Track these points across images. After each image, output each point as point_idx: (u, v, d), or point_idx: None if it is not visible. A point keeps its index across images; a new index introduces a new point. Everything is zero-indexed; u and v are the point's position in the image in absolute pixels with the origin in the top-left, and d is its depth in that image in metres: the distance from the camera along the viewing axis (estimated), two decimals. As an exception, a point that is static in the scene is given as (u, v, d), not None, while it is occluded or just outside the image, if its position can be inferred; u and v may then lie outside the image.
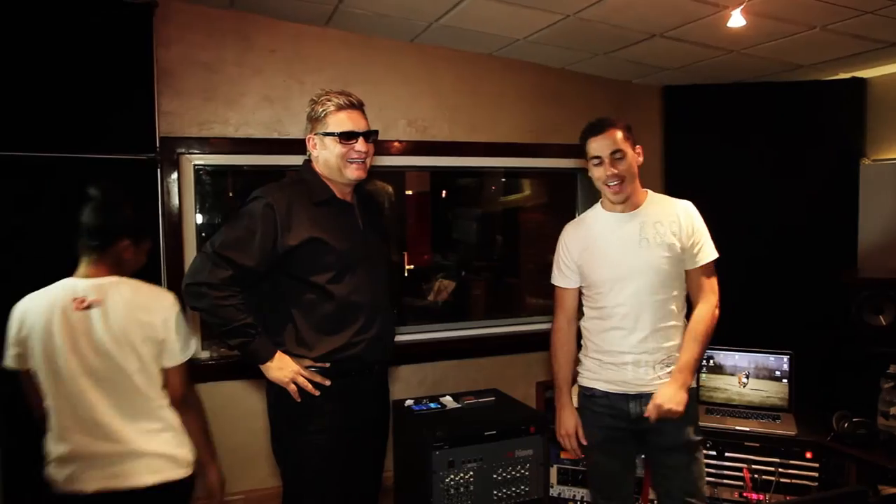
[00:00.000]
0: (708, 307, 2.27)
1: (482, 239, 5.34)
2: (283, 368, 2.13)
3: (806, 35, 3.18)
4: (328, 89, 2.25)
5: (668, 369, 2.26)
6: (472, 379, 4.02)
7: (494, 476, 3.10)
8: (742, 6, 2.61)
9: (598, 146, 2.27)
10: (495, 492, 3.10)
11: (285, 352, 2.16)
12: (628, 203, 2.31)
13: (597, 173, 2.30)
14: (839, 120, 3.94)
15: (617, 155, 2.25)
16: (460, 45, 3.82)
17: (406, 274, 5.17)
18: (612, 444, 2.36)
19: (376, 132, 2.27)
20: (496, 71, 4.00)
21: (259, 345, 2.12)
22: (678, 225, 2.28)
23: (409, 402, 3.37)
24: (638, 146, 2.33)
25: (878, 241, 3.78)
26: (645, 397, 2.25)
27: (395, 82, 3.77)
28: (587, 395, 2.41)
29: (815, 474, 2.82)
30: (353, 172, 2.22)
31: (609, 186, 2.27)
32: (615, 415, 2.32)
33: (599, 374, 2.35)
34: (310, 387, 2.13)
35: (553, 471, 3.20)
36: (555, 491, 3.26)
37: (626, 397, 2.29)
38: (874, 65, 3.72)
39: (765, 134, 4.04)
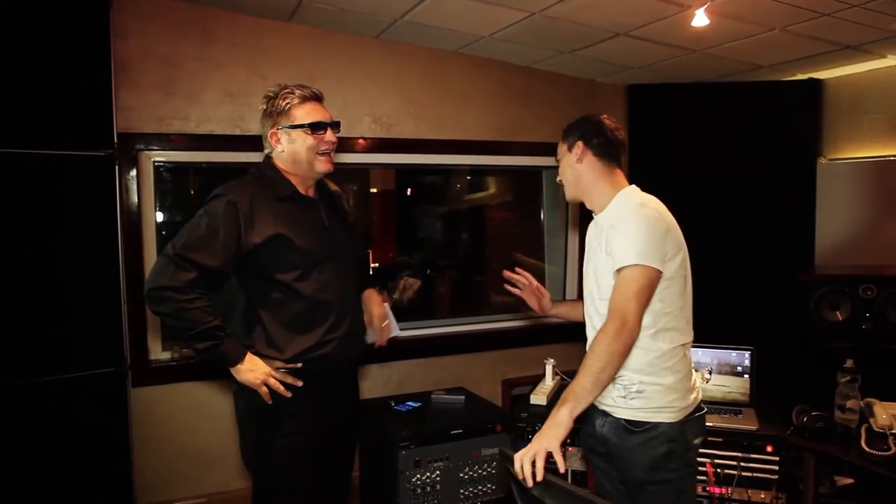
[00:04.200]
0: (602, 329, 1.90)
1: (448, 237, 5.32)
2: (254, 370, 2.08)
3: (766, 36, 3.24)
4: (283, 84, 2.22)
5: (622, 395, 2.02)
6: (437, 378, 4.01)
7: (461, 475, 3.09)
8: (706, 6, 2.64)
9: None
10: (461, 491, 3.10)
11: (255, 353, 2.11)
12: (592, 206, 2.17)
13: None
14: (797, 120, 4.03)
15: (559, 163, 2.22)
16: (426, 42, 3.80)
17: (371, 272, 5.13)
18: (589, 455, 2.28)
19: (339, 123, 2.27)
20: (462, 68, 3.99)
21: (229, 347, 2.06)
22: (612, 227, 2.03)
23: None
24: (577, 145, 2.12)
25: (834, 238, 3.87)
26: (607, 418, 2.09)
27: (360, 78, 3.73)
28: None
29: (776, 467, 2.87)
30: (323, 165, 2.21)
31: None
32: (592, 424, 2.17)
33: None
34: (281, 388, 2.10)
35: (519, 468, 3.20)
36: (521, 488, 3.27)
37: (596, 409, 2.13)
38: (830, 66, 3.80)
39: (725, 133, 4.10)
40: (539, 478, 1.66)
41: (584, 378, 1.84)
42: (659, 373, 2.00)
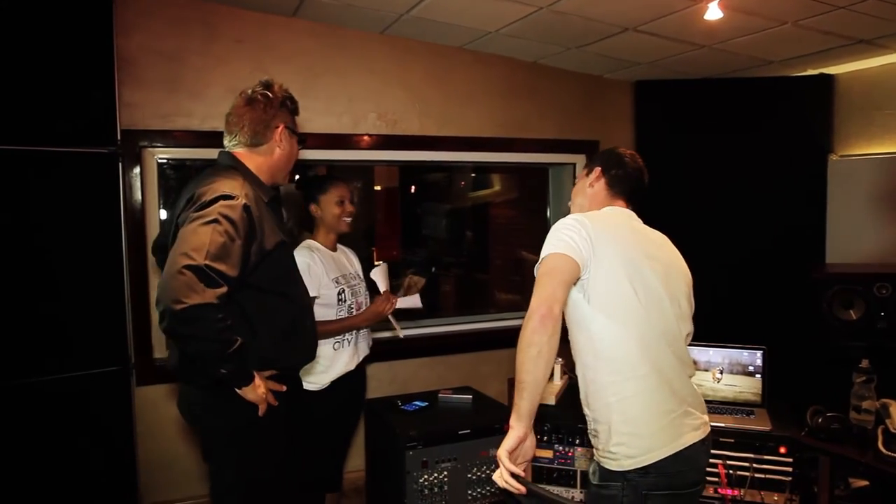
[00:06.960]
0: None
1: (452, 235, 5.30)
2: (258, 386, 1.96)
3: (777, 30, 3.19)
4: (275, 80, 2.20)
5: (594, 442, 1.91)
6: (443, 376, 3.97)
7: (469, 475, 3.06)
8: (718, -1, 2.60)
9: None
10: (469, 491, 3.07)
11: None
12: None
13: None
14: (808, 116, 3.98)
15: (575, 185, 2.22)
16: (431, 38, 3.76)
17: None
18: None
19: None
20: (467, 64, 3.94)
21: (248, 366, 1.94)
22: None
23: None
24: (595, 170, 2.10)
25: (846, 236, 3.82)
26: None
27: (365, 75, 3.69)
28: None
29: (789, 469, 2.82)
30: (288, 179, 2.22)
31: None
32: None
33: None
34: (272, 398, 2.01)
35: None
36: (530, 489, 3.23)
37: None
38: (841, 61, 3.75)
39: (735, 129, 4.06)
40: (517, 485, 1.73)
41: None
42: (601, 409, 1.85)
